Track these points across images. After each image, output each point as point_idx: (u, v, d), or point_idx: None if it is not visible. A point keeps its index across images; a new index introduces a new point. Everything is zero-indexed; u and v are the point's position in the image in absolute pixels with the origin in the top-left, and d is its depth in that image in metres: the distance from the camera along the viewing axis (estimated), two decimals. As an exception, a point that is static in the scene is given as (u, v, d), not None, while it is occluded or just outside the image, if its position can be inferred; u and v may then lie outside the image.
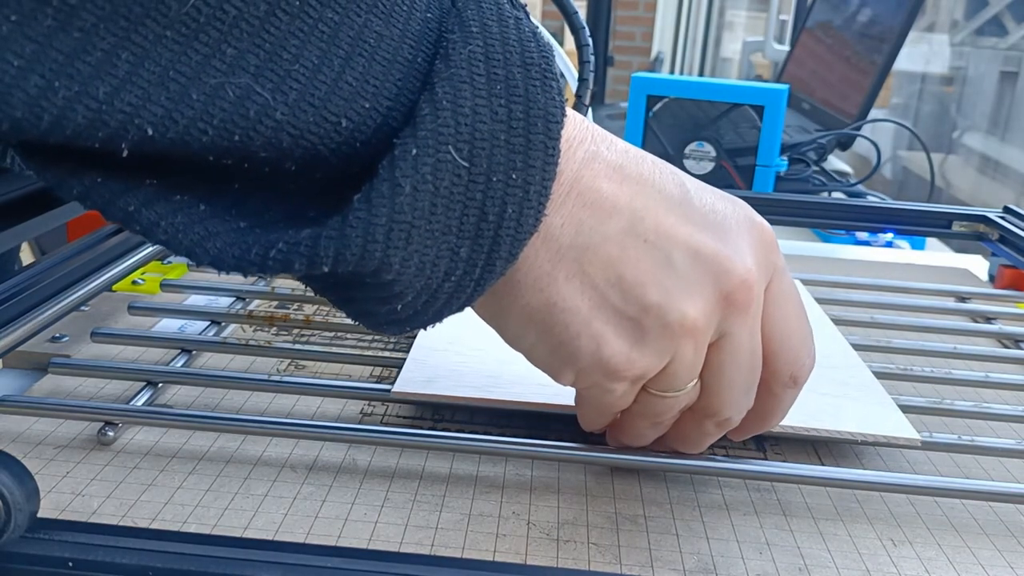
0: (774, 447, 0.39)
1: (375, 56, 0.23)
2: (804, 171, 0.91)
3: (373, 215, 0.22)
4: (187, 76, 0.20)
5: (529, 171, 0.24)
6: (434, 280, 0.25)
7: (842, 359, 0.43)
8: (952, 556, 0.32)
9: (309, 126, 0.22)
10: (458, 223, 0.24)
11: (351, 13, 0.22)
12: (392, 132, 0.23)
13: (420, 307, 0.26)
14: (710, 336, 0.29)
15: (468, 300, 0.27)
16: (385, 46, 0.23)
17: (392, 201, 0.22)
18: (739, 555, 0.32)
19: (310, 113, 0.22)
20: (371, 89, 0.23)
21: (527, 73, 0.24)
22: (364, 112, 0.23)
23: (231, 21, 0.20)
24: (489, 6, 0.25)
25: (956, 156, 2.19)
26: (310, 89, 0.22)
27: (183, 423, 0.37)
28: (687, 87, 0.81)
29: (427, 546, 0.31)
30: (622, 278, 0.27)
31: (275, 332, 0.47)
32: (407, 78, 0.23)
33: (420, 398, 0.38)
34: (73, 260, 0.47)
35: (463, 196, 0.24)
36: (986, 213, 0.65)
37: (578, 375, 0.29)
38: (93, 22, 0.19)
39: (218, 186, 0.23)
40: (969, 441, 0.38)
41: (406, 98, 0.24)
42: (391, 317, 0.26)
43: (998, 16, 2.12)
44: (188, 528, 0.31)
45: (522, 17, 0.25)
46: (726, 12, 3.35)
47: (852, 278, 0.60)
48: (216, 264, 0.23)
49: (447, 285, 0.25)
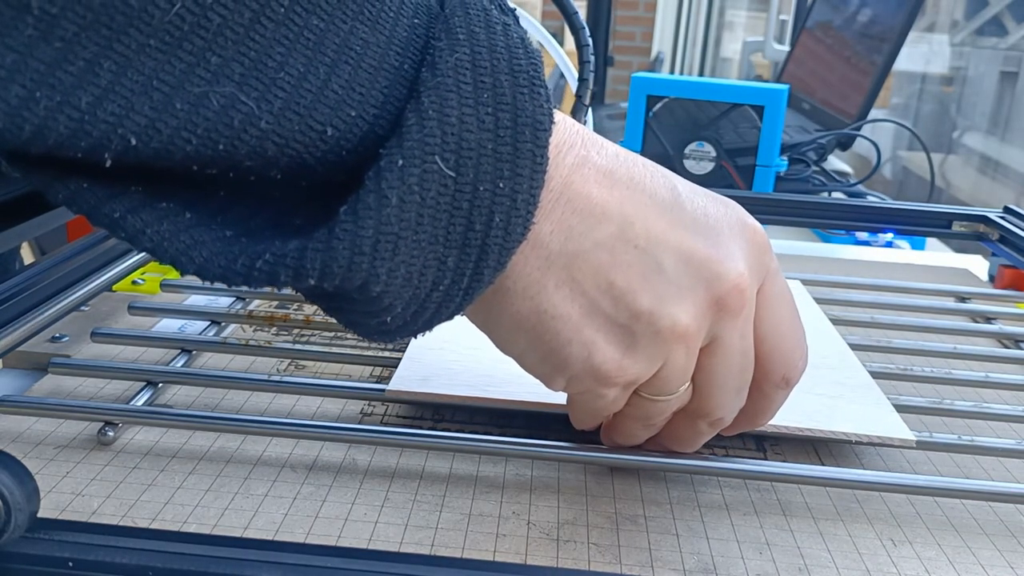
0: (774, 447, 0.39)
1: (361, 63, 0.23)
2: (804, 171, 0.91)
3: (360, 227, 0.22)
4: (171, 85, 0.20)
5: (517, 179, 0.24)
6: (422, 290, 0.25)
7: (839, 359, 0.43)
8: (952, 556, 0.32)
9: (294, 135, 0.22)
10: (445, 233, 0.24)
11: (337, 20, 0.22)
12: (379, 140, 0.23)
13: (409, 317, 0.26)
14: (702, 340, 0.29)
15: (457, 309, 0.26)
16: (371, 53, 0.23)
17: (379, 213, 0.22)
18: (739, 555, 0.32)
19: (295, 122, 0.22)
20: (357, 97, 0.23)
21: (515, 80, 0.24)
22: (350, 120, 0.23)
23: (215, 29, 0.20)
24: (477, 12, 0.25)
25: (956, 156, 2.19)
26: (295, 97, 0.22)
27: (183, 423, 0.37)
28: (687, 87, 0.81)
29: (427, 546, 0.31)
30: (612, 284, 0.27)
31: (275, 332, 0.47)
32: (393, 86, 0.23)
33: (415, 397, 0.38)
34: (73, 260, 0.47)
35: (450, 206, 0.24)
36: (986, 213, 0.65)
37: (569, 381, 0.29)
38: (75, 31, 0.19)
39: (203, 193, 0.23)
40: (969, 441, 0.38)
41: (393, 106, 0.23)
42: (381, 328, 0.26)
43: (998, 16, 2.12)
44: (188, 528, 0.31)
45: (510, 23, 0.25)
46: (726, 12, 3.35)
47: (852, 278, 0.60)
48: (201, 273, 0.23)
49: (435, 295, 0.25)
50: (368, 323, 0.26)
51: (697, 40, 3.37)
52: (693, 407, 0.31)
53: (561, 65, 0.83)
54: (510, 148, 0.24)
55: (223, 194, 0.24)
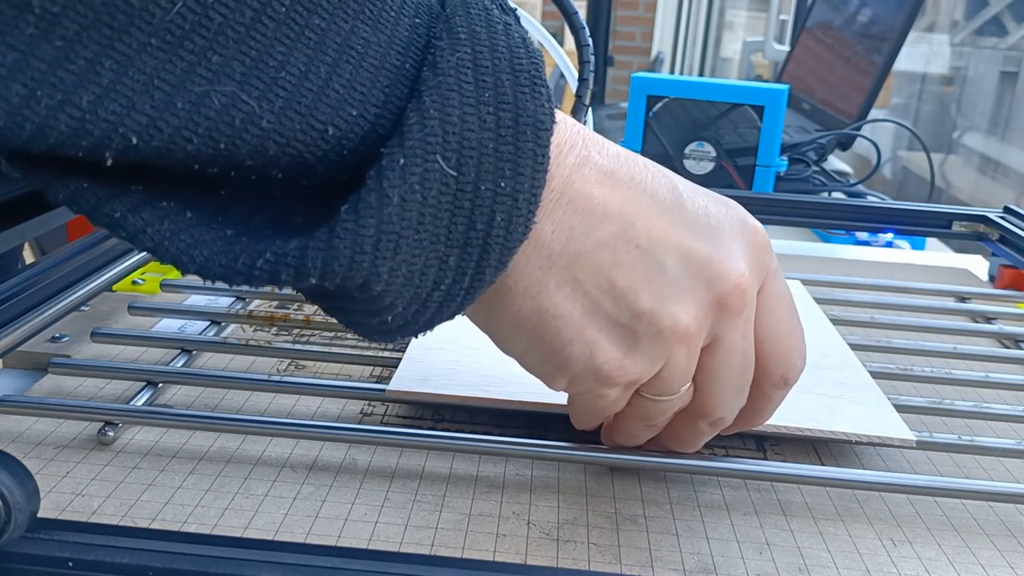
0: (774, 447, 0.39)
1: (362, 63, 0.23)
2: (804, 171, 0.91)
3: (361, 226, 0.22)
4: (172, 84, 0.20)
5: (518, 179, 0.24)
6: (423, 290, 0.25)
7: (839, 359, 0.43)
8: (952, 556, 0.32)
9: (296, 134, 0.22)
10: (446, 232, 0.24)
11: (338, 19, 0.22)
12: (380, 140, 0.23)
13: (410, 317, 0.26)
14: (703, 340, 0.29)
15: (458, 308, 0.26)
16: (372, 52, 0.23)
17: (380, 212, 0.22)
18: (739, 555, 0.32)
19: (296, 121, 0.22)
20: (358, 96, 0.23)
21: (516, 80, 0.24)
22: (351, 120, 0.23)
23: (216, 28, 0.20)
24: (478, 12, 0.25)
25: (956, 156, 2.19)
26: (296, 96, 0.22)
27: (183, 423, 0.37)
28: (687, 87, 0.81)
29: (427, 546, 0.31)
30: (614, 284, 0.27)
31: (275, 332, 0.47)
32: (395, 85, 0.23)
33: (415, 397, 0.38)
34: (73, 260, 0.47)
35: (451, 205, 0.24)
36: (986, 213, 0.65)
37: (571, 381, 0.29)
38: (76, 30, 0.19)
39: (204, 192, 0.23)
40: (969, 441, 0.38)
41: (394, 105, 0.23)
42: (382, 328, 0.26)
43: (998, 16, 2.12)
44: (188, 528, 0.31)
45: (511, 22, 0.25)
46: (726, 12, 3.35)
47: (852, 278, 0.60)
48: (202, 272, 0.23)
49: (436, 294, 0.25)
50: (369, 322, 0.26)
51: (697, 40, 3.37)
52: (694, 407, 0.31)
53: (561, 65, 0.83)
54: (511, 147, 0.24)
55: (224, 193, 0.24)
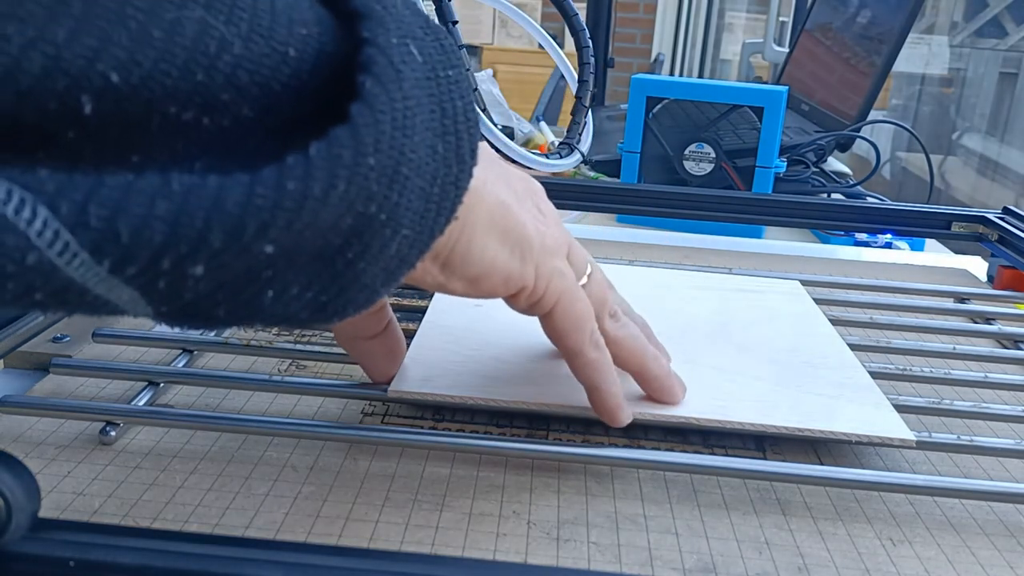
0: (773, 447, 0.39)
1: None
2: (803, 172, 0.91)
3: (390, 94, 0.23)
4: (144, 11, 0.20)
5: (459, 68, 0.26)
6: (426, 182, 0.25)
7: (839, 359, 0.43)
8: (951, 556, 0.33)
9: (262, 59, 0.22)
10: (429, 116, 0.25)
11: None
12: (329, 58, 0.24)
13: (417, 230, 0.26)
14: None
15: (451, 209, 0.27)
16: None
17: (399, 81, 0.23)
18: (739, 554, 0.32)
19: (261, 44, 0.22)
20: (298, 15, 0.23)
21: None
22: (303, 39, 0.23)
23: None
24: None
25: (955, 157, 2.19)
26: (256, 19, 0.22)
27: (184, 423, 0.37)
28: (687, 88, 0.81)
29: (428, 545, 0.31)
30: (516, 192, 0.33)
31: (276, 332, 0.47)
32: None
33: (416, 397, 0.38)
34: (74, 261, 0.47)
35: (427, 90, 0.25)
36: (985, 214, 0.65)
37: (537, 266, 0.32)
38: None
39: (183, 165, 0.23)
40: (968, 441, 0.38)
41: (327, 22, 0.24)
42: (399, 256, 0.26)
43: (997, 17, 2.12)
44: (189, 528, 0.31)
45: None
46: (726, 14, 3.35)
47: (851, 279, 0.60)
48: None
49: (435, 190, 0.26)
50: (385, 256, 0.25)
51: (697, 42, 3.38)
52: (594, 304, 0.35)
53: (561, 66, 0.84)
54: (448, 41, 0.26)
55: (199, 166, 0.23)
